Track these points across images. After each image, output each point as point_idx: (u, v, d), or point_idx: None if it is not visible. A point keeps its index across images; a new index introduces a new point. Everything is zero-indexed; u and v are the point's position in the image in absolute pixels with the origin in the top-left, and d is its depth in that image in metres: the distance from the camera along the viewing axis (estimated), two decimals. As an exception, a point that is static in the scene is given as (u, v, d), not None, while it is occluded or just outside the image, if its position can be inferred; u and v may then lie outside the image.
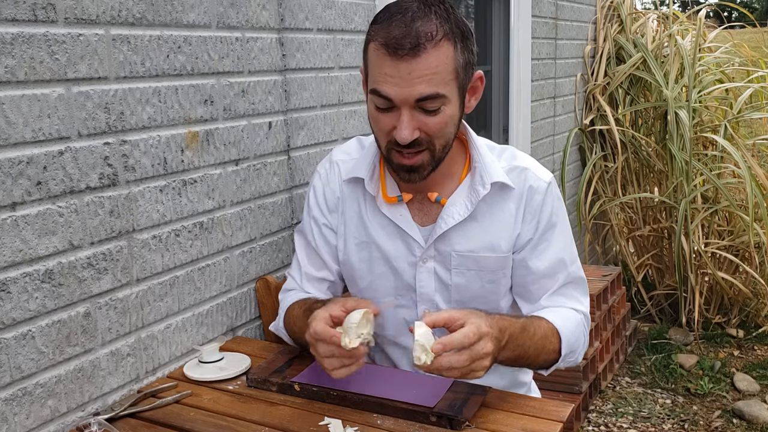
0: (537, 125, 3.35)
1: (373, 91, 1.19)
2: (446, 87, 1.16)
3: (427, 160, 1.23)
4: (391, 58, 1.14)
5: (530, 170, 1.34)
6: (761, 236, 3.28)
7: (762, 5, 30.04)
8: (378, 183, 1.35)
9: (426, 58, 1.13)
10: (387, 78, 1.15)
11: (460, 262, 1.33)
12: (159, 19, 1.37)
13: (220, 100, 1.53)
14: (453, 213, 1.31)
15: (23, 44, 1.13)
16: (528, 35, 3.13)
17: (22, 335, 1.16)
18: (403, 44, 1.12)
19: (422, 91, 1.14)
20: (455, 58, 1.17)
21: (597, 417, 2.84)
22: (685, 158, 3.35)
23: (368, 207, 1.37)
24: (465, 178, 1.33)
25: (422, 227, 1.34)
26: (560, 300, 1.35)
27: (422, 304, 1.36)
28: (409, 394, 1.22)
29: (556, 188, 1.36)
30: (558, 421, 1.16)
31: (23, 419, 1.17)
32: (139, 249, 1.36)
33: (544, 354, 1.27)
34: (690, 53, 3.52)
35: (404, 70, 1.13)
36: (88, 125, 1.24)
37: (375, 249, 1.37)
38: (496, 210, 1.32)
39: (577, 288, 1.38)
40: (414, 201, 1.35)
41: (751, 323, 3.59)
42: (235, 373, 1.37)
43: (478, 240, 1.32)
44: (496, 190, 1.31)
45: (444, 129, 1.20)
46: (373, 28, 1.18)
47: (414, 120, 1.17)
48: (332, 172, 1.42)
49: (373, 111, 1.22)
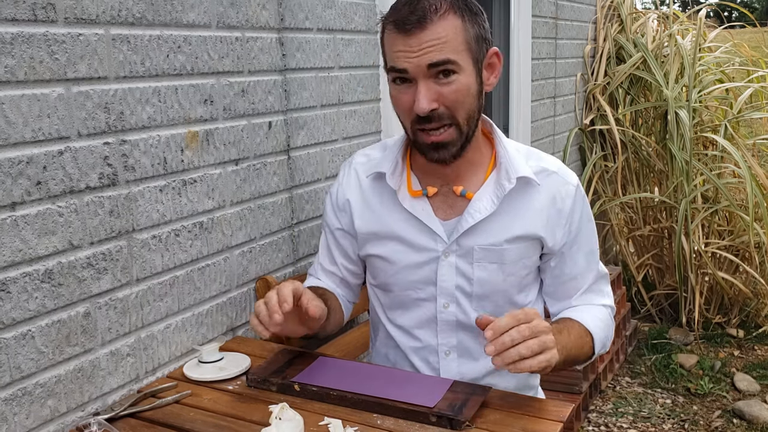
0: (537, 125, 3.35)
1: (390, 69, 1.25)
2: (457, 55, 1.20)
3: (455, 136, 1.26)
4: (401, 35, 1.20)
5: (557, 174, 1.36)
6: (761, 236, 3.28)
7: (762, 5, 30.05)
8: (400, 177, 1.37)
9: (433, 28, 1.18)
10: (400, 54, 1.21)
11: (482, 256, 1.34)
12: (159, 19, 1.37)
13: (220, 100, 1.53)
14: (480, 208, 1.33)
15: (23, 44, 1.13)
16: (528, 35, 3.13)
17: (21, 335, 1.16)
18: (410, 19, 1.19)
19: (433, 58, 1.19)
20: (464, 29, 1.21)
21: (597, 417, 2.84)
22: (685, 158, 3.35)
23: (391, 202, 1.38)
24: (491, 173, 1.35)
25: (444, 221, 1.35)
26: (590, 297, 1.41)
27: (442, 298, 1.37)
28: (410, 394, 1.22)
29: (582, 188, 1.40)
30: (558, 421, 1.16)
31: (23, 419, 1.17)
32: (138, 249, 1.36)
33: (583, 353, 1.32)
34: (690, 53, 3.52)
35: (414, 42, 1.19)
36: (88, 125, 1.24)
37: (397, 243, 1.38)
38: (520, 204, 1.34)
39: (603, 282, 1.44)
40: (439, 194, 1.36)
41: (752, 323, 3.59)
42: (235, 373, 1.37)
43: (502, 233, 1.34)
44: (522, 185, 1.33)
45: (462, 99, 1.23)
46: (385, 16, 1.26)
47: (431, 91, 1.21)
48: (349, 176, 1.45)
49: (395, 93, 1.27)
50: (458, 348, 1.39)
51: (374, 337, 1.54)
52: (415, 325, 1.41)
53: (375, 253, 1.41)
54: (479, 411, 1.18)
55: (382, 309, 1.47)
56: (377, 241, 1.40)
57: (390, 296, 1.43)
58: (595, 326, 1.34)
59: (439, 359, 1.40)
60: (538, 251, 1.38)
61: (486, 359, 1.38)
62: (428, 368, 1.42)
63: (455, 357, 1.40)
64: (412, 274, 1.38)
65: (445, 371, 1.40)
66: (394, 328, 1.44)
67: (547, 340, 1.13)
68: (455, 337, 1.39)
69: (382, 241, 1.39)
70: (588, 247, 1.40)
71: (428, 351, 1.41)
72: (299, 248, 1.83)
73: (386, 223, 1.38)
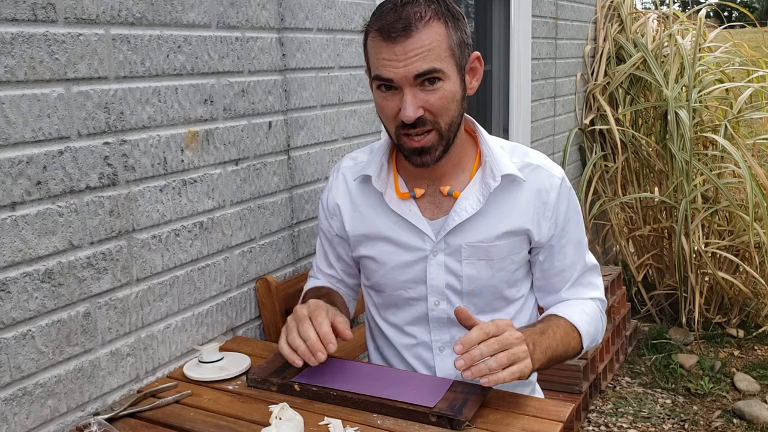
0: (537, 125, 3.35)
1: (375, 78, 1.25)
2: (443, 63, 1.21)
3: (436, 141, 1.27)
4: (386, 42, 1.20)
5: (542, 167, 1.38)
6: (761, 236, 3.28)
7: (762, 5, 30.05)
8: (386, 180, 1.39)
9: (418, 36, 1.18)
10: (385, 62, 1.21)
11: (470, 253, 1.35)
12: (159, 19, 1.37)
13: (220, 100, 1.53)
14: (466, 206, 1.34)
15: (23, 44, 1.13)
16: (528, 35, 3.13)
17: (22, 335, 1.16)
18: (395, 27, 1.19)
19: (419, 68, 1.19)
20: (448, 35, 1.22)
21: (597, 417, 2.84)
22: (685, 158, 3.35)
23: (378, 204, 1.40)
24: (476, 173, 1.36)
25: (432, 221, 1.37)
26: (579, 290, 1.42)
27: (432, 296, 1.38)
28: (410, 395, 1.22)
29: (568, 181, 1.40)
30: (558, 421, 1.16)
31: (23, 419, 1.17)
32: (139, 249, 1.36)
33: (570, 350, 1.33)
34: (690, 53, 3.52)
35: (400, 51, 1.19)
36: (88, 125, 1.24)
37: (386, 244, 1.40)
38: (506, 202, 1.35)
39: (592, 274, 1.45)
40: (426, 195, 1.38)
41: (752, 323, 3.59)
42: (235, 373, 1.37)
43: (489, 231, 1.35)
44: (507, 183, 1.35)
45: (446, 105, 1.24)
46: (369, 22, 1.26)
47: (416, 98, 1.22)
48: (337, 180, 1.47)
49: (379, 100, 1.27)
50: (452, 344, 1.40)
51: (369, 336, 1.56)
52: (408, 323, 1.43)
53: (366, 254, 1.43)
54: (479, 411, 1.18)
55: (375, 309, 1.49)
56: (368, 243, 1.42)
57: (382, 296, 1.45)
58: (581, 321, 1.35)
59: (434, 355, 1.42)
60: (526, 246, 1.39)
61: None
62: (423, 365, 1.43)
63: (449, 353, 1.41)
64: (402, 273, 1.39)
65: (441, 367, 1.41)
66: (388, 327, 1.46)
67: (518, 351, 1.15)
68: (448, 333, 1.40)
69: (372, 242, 1.41)
70: (576, 239, 1.40)
71: (423, 348, 1.43)
72: (299, 248, 1.83)
73: (375, 225, 1.40)
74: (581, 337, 1.34)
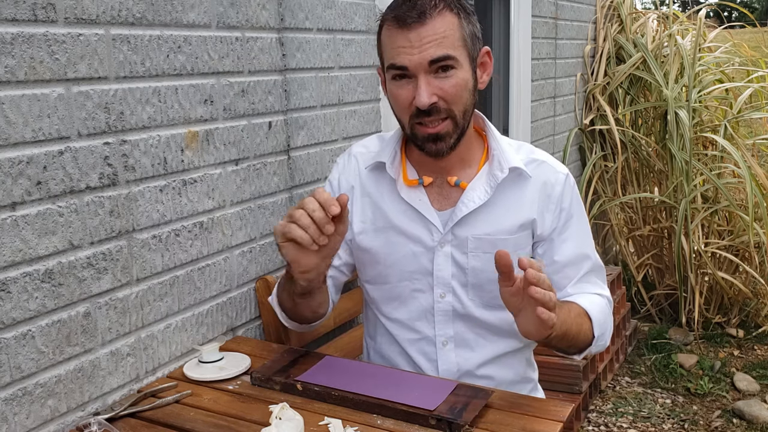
0: (537, 125, 3.35)
1: (390, 67, 1.27)
2: (456, 50, 1.25)
3: (451, 128, 1.29)
4: (401, 30, 1.24)
5: (547, 163, 1.40)
6: (761, 236, 3.28)
7: (762, 5, 30.04)
8: (399, 167, 1.40)
9: (432, 24, 1.23)
10: (400, 50, 1.24)
11: (476, 246, 1.36)
12: (159, 19, 1.37)
13: (220, 100, 1.53)
14: (473, 197, 1.35)
15: (23, 44, 1.13)
16: (528, 35, 3.13)
17: (22, 335, 1.16)
18: (410, 15, 1.23)
19: (433, 54, 1.22)
20: (461, 26, 1.26)
21: (597, 417, 2.84)
22: (685, 158, 3.35)
23: (389, 192, 1.41)
24: (483, 165, 1.38)
25: (440, 212, 1.38)
26: (584, 287, 1.41)
27: (438, 288, 1.38)
28: (411, 396, 1.22)
29: (572, 178, 1.42)
30: (558, 421, 1.16)
31: (23, 419, 1.17)
32: (139, 249, 1.36)
33: (582, 334, 1.31)
34: (690, 53, 3.52)
35: (414, 38, 1.23)
36: (88, 125, 1.24)
37: (394, 234, 1.40)
38: (513, 194, 1.37)
39: (598, 275, 1.44)
40: (434, 185, 1.39)
41: (751, 323, 3.59)
42: (235, 373, 1.37)
43: (495, 223, 1.36)
44: (514, 176, 1.36)
45: (460, 93, 1.27)
46: (383, 15, 1.30)
47: (431, 85, 1.24)
48: (349, 163, 1.47)
49: (393, 89, 1.29)
50: (455, 338, 1.40)
51: (370, 334, 1.54)
52: (411, 317, 1.43)
53: (371, 243, 1.42)
54: (479, 411, 1.18)
55: (376, 305, 1.48)
56: (373, 232, 1.42)
57: (385, 289, 1.43)
58: (593, 309, 1.34)
59: (437, 350, 1.41)
60: (530, 241, 1.39)
61: (483, 349, 1.41)
62: (426, 360, 1.43)
63: (452, 347, 1.41)
64: (409, 264, 1.40)
65: (443, 362, 1.41)
66: (390, 323, 1.45)
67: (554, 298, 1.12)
68: (452, 327, 1.40)
69: (378, 231, 1.41)
70: (580, 236, 1.40)
71: (426, 342, 1.42)
72: (299, 248, 1.83)
73: (383, 214, 1.41)
74: (592, 324, 1.33)
